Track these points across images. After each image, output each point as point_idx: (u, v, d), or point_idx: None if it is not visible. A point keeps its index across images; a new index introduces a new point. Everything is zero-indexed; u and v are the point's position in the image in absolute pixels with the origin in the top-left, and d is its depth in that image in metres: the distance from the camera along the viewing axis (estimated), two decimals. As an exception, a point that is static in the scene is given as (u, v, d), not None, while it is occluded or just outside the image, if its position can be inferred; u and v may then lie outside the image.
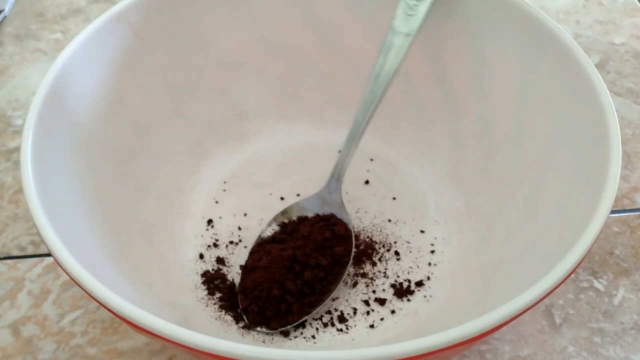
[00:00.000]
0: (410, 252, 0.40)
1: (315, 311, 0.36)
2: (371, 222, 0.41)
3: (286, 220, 0.40)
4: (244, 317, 0.36)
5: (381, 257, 0.39)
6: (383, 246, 0.40)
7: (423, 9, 0.37)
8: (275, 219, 0.41)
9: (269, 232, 0.40)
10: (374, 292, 0.38)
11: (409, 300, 0.37)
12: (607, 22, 0.56)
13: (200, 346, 0.24)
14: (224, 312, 0.37)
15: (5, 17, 0.58)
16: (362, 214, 0.42)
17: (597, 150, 0.31)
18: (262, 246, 0.39)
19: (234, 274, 0.39)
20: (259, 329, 0.36)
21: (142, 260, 0.36)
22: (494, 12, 0.37)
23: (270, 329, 0.36)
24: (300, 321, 0.36)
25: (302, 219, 0.40)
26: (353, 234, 0.39)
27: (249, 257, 0.39)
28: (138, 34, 0.39)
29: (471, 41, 0.39)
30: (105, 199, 0.36)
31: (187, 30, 0.41)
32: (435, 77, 0.42)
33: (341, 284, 0.38)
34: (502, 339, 0.36)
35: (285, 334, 0.36)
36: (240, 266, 0.39)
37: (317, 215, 0.40)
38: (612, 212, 0.41)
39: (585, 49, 0.53)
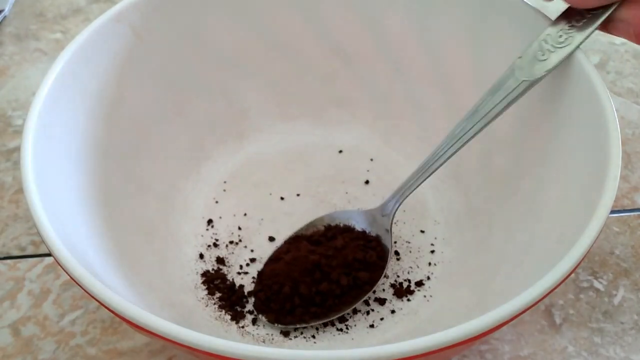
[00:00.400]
0: (410, 252, 0.40)
1: (316, 324, 0.36)
2: (371, 222, 0.41)
3: (332, 224, 0.40)
4: (253, 299, 0.37)
5: (381, 257, 0.40)
6: (383, 246, 0.40)
7: (556, 58, 0.33)
8: (324, 218, 0.40)
9: (312, 229, 0.40)
10: (374, 291, 0.38)
11: (408, 300, 0.38)
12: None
13: (200, 346, 0.24)
14: (223, 311, 0.37)
15: (5, 17, 0.58)
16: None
17: (597, 150, 0.31)
18: (296, 240, 0.39)
19: (233, 274, 0.39)
20: (260, 316, 0.36)
21: (142, 259, 0.37)
22: (494, 12, 0.37)
23: (268, 321, 0.36)
24: (293, 325, 0.36)
25: (347, 229, 0.39)
26: (387, 266, 0.38)
27: (281, 245, 0.39)
28: (138, 34, 0.39)
29: (471, 41, 0.39)
30: (105, 199, 0.36)
31: (187, 30, 0.41)
32: (436, 77, 0.42)
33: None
34: (502, 338, 0.36)
35: (285, 334, 0.36)
36: (241, 265, 0.39)
37: (363, 232, 0.39)
38: (612, 212, 0.41)
39: (585, 49, 0.52)
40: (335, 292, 0.36)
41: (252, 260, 0.40)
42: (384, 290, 0.38)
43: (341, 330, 0.36)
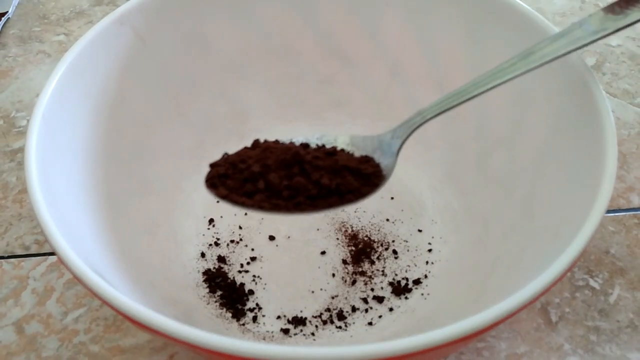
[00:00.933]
0: (408, 250, 0.40)
1: (272, 214, 0.30)
2: (369, 222, 0.42)
3: (328, 146, 0.34)
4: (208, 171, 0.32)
5: (379, 255, 0.40)
6: (381, 245, 0.40)
7: (635, 17, 0.31)
8: (322, 137, 0.34)
9: (303, 138, 0.34)
10: (372, 290, 0.38)
11: (406, 298, 0.38)
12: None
13: (201, 343, 0.24)
14: (224, 309, 0.37)
15: (8, 19, 0.58)
16: (361, 213, 0.42)
17: (593, 151, 0.31)
18: (284, 144, 0.33)
19: (234, 273, 0.39)
20: (208, 190, 0.31)
21: (145, 258, 0.37)
22: (490, 13, 0.38)
23: (216, 195, 0.31)
24: (245, 207, 0.30)
25: (344, 151, 0.34)
26: (379, 187, 0.32)
27: (265, 141, 0.34)
28: (140, 36, 0.39)
29: (467, 42, 0.40)
30: (108, 199, 0.36)
31: (189, 33, 0.41)
32: (434, 79, 0.42)
33: (340, 280, 0.39)
34: (499, 336, 0.36)
35: (285, 332, 0.37)
36: (241, 264, 0.40)
37: (365, 156, 0.33)
38: (608, 211, 0.42)
39: (582, 50, 0.53)
40: (311, 192, 0.30)
41: (253, 258, 0.40)
42: (382, 288, 0.38)
43: (340, 327, 0.37)
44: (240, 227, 0.42)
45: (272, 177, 0.30)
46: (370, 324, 0.37)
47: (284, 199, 0.30)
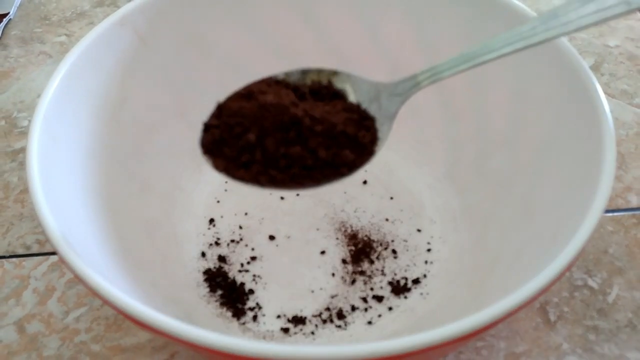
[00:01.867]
0: (407, 250, 0.40)
1: (269, 190, 0.30)
2: (369, 221, 0.42)
3: (322, 82, 0.32)
4: (202, 134, 0.31)
5: (379, 255, 0.40)
6: (381, 244, 0.41)
7: None
8: (314, 72, 0.32)
9: (295, 77, 0.32)
10: (371, 289, 0.38)
11: (406, 297, 0.38)
12: (601, 24, 0.56)
13: (202, 342, 0.24)
14: (225, 309, 0.37)
15: (10, 20, 0.58)
16: (360, 213, 0.42)
17: (591, 151, 0.31)
18: (278, 84, 0.32)
19: (235, 272, 0.39)
20: (205, 157, 0.31)
21: (145, 258, 0.37)
22: (490, 13, 0.38)
23: (215, 166, 0.30)
24: (243, 182, 0.30)
25: (338, 96, 0.32)
26: (374, 156, 0.30)
27: (257, 81, 0.32)
28: (142, 37, 0.39)
29: (467, 43, 0.39)
30: (109, 199, 0.36)
31: (190, 34, 0.41)
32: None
33: (339, 280, 0.39)
34: (498, 335, 0.36)
35: (285, 331, 0.37)
36: (242, 264, 0.40)
37: (358, 106, 0.31)
38: (607, 211, 0.42)
39: (580, 51, 0.53)
40: (306, 163, 0.29)
41: (253, 258, 0.40)
42: (381, 287, 0.39)
43: (340, 327, 0.37)
44: (241, 227, 0.42)
45: (268, 144, 0.29)
46: (369, 323, 0.37)
47: (280, 170, 0.29)
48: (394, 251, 0.40)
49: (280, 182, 0.29)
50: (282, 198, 0.43)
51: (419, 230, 0.41)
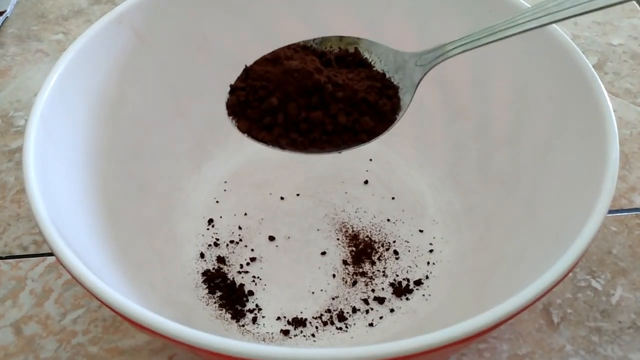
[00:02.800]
0: (409, 251, 0.40)
1: (290, 152, 0.31)
2: (370, 222, 0.41)
3: (350, 50, 0.33)
4: (228, 96, 0.32)
5: (380, 256, 0.40)
6: (382, 245, 0.40)
7: None
8: (343, 39, 0.34)
9: (325, 44, 0.33)
10: (373, 291, 0.38)
11: (407, 299, 0.38)
12: (605, 23, 0.56)
13: (201, 344, 0.24)
14: (224, 310, 0.37)
15: (7, 18, 0.58)
16: (362, 213, 0.42)
17: (595, 151, 0.31)
18: (305, 50, 0.33)
19: (234, 273, 0.39)
20: (230, 118, 0.32)
21: (144, 259, 0.37)
22: (492, 13, 0.38)
23: (238, 127, 0.32)
24: (266, 145, 0.31)
25: (365, 64, 0.33)
26: (394, 124, 0.32)
27: (284, 47, 0.33)
28: (139, 35, 0.39)
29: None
30: (107, 199, 0.36)
31: (188, 31, 0.41)
32: (434, 78, 0.42)
33: (340, 281, 0.38)
34: (501, 337, 0.36)
35: (285, 333, 0.36)
36: (241, 265, 0.40)
37: (383, 74, 0.33)
38: (610, 211, 0.42)
39: (584, 50, 0.53)
40: (326, 128, 0.31)
41: (253, 259, 0.40)
42: (383, 289, 0.38)
43: (341, 329, 0.37)
44: (240, 228, 0.41)
45: (291, 108, 0.30)
46: (371, 325, 0.37)
47: (300, 133, 0.31)
48: (395, 252, 0.40)
49: (301, 145, 0.31)
50: (282, 198, 0.43)
51: (420, 231, 0.41)
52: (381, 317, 0.37)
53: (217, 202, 0.43)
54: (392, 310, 0.37)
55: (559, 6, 0.29)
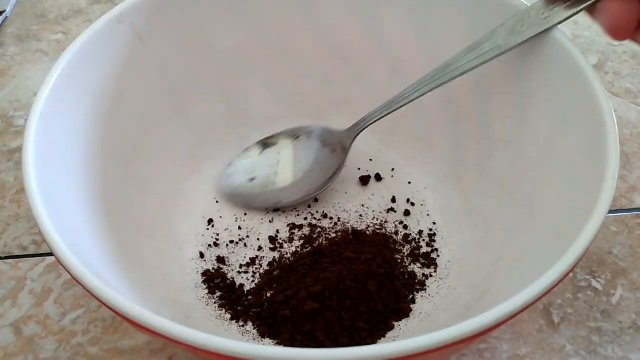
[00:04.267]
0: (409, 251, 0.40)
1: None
2: (371, 222, 0.41)
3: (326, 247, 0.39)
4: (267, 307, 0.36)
5: (380, 256, 0.40)
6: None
7: (532, 32, 0.34)
8: (298, 130, 0.44)
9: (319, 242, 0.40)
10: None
11: (408, 299, 0.38)
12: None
13: (200, 344, 0.24)
14: (224, 310, 0.37)
15: (6, 18, 0.58)
16: (362, 213, 0.42)
17: (595, 151, 0.31)
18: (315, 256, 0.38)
19: (234, 273, 0.39)
20: (253, 327, 0.36)
21: (143, 259, 0.37)
22: (492, 12, 0.37)
23: (259, 334, 0.36)
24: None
25: (333, 242, 0.40)
26: (333, 180, 0.42)
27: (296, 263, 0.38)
28: (139, 35, 0.39)
29: (469, 41, 0.39)
30: (106, 199, 0.36)
31: (188, 31, 0.41)
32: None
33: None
34: (501, 337, 0.36)
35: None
36: (241, 265, 0.39)
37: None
38: (610, 211, 0.41)
39: (584, 49, 0.53)
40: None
41: (252, 259, 0.40)
42: (383, 289, 0.38)
43: (341, 329, 0.37)
44: (240, 228, 0.41)
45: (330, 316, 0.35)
46: (371, 325, 0.37)
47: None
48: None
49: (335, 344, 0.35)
50: (282, 198, 0.43)
51: (421, 231, 0.41)
52: (381, 318, 0.37)
53: (217, 202, 0.43)
54: (392, 311, 0.37)
55: (432, 78, 0.37)
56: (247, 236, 0.41)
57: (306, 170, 0.43)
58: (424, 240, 0.40)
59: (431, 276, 0.38)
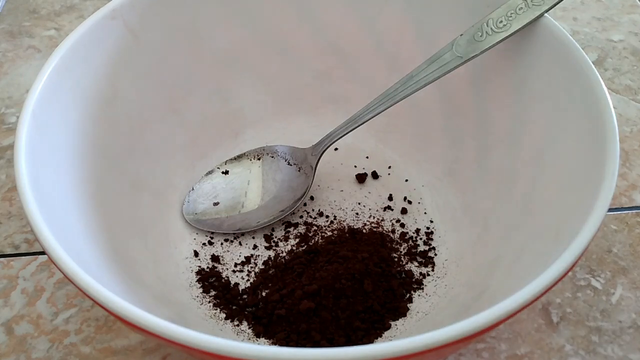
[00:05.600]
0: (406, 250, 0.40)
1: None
2: (367, 220, 0.41)
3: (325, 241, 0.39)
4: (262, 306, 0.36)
5: (377, 255, 0.39)
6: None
7: (492, 40, 0.35)
8: (266, 149, 0.44)
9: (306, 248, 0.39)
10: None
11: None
12: (605, 18, 0.56)
13: (194, 344, 0.24)
14: (218, 310, 0.37)
15: (-1, 14, 0.58)
16: (358, 211, 0.42)
17: (594, 148, 0.30)
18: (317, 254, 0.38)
19: (228, 272, 0.39)
20: (248, 326, 0.36)
21: (137, 258, 0.36)
22: (490, 6, 0.37)
23: (254, 333, 0.35)
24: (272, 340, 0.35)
25: (328, 240, 0.39)
26: (305, 196, 0.41)
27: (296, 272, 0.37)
28: (133, 31, 0.39)
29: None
30: (99, 197, 0.35)
31: (182, 27, 0.41)
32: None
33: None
34: (499, 337, 0.36)
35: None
36: (235, 263, 0.39)
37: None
38: (610, 210, 0.41)
39: (583, 45, 0.53)
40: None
41: (247, 258, 0.39)
42: (380, 288, 0.38)
43: (337, 328, 0.36)
44: (235, 226, 0.41)
45: (325, 313, 0.35)
46: (368, 324, 0.36)
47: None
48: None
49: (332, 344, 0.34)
50: (277, 196, 0.43)
51: (418, 229, 0.40)
52: (378, 317, 0.37)
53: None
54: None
55: (395, 92, 0.38)
56: (242, 234, 0.41)
57: (274, 191, 0.42)
58: (421, 238, 0.40)
59: (428, 275, 0.38)
